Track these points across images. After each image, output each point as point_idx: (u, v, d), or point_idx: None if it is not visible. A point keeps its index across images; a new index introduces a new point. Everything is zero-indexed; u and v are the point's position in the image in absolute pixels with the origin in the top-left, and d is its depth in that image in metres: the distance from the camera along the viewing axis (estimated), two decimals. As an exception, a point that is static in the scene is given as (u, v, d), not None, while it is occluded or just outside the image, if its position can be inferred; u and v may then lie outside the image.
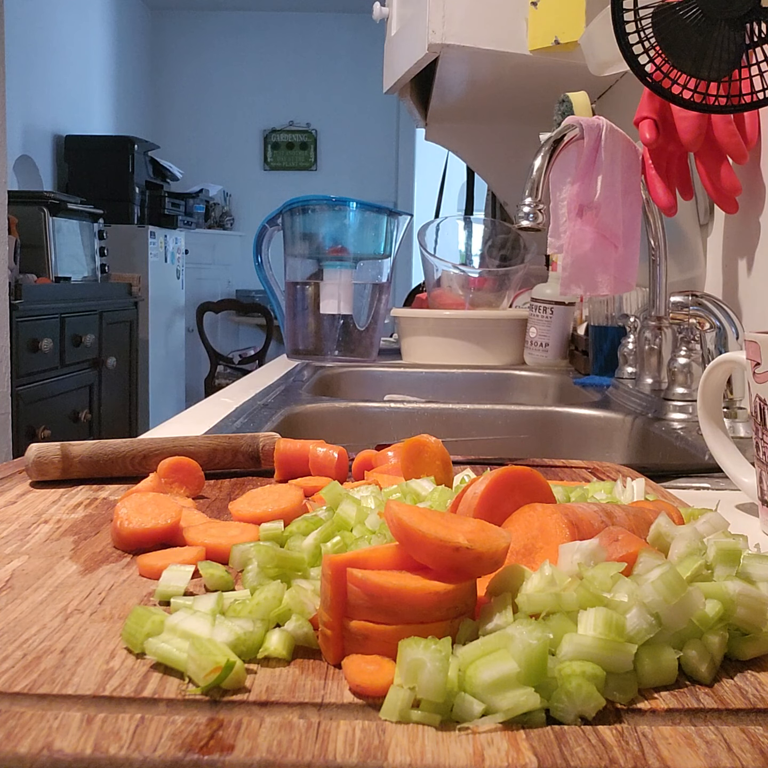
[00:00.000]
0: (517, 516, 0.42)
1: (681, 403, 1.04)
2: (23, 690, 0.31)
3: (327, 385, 1.57)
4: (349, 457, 0.67)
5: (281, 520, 0.48)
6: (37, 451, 0.62)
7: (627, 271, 1.11)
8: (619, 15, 0.86)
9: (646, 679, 0.33)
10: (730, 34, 0.82)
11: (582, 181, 1.05)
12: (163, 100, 5.97)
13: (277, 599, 0.36)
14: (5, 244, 2.65)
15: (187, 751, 0.28)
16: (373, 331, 1.71)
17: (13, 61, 3.26)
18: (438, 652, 0.30)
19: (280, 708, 0.31)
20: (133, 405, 4.21)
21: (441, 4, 1.47)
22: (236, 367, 4.92)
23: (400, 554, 0.36)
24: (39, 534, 0.51)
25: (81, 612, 0.39)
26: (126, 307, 4.07)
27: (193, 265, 5.31)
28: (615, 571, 0.35)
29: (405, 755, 0.28)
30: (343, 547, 0.42)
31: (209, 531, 0.48)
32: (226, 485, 0.65)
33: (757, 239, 1.07)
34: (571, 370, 1.63)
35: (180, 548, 0.46)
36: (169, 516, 0.49)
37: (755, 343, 0.58)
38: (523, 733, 0.29)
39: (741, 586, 0.36)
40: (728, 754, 0.28)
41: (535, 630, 0.31)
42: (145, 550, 0.47)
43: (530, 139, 1.45)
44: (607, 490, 0.55)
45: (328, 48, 5.92)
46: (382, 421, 1.22)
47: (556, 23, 1.42)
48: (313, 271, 1.69)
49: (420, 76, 1.79)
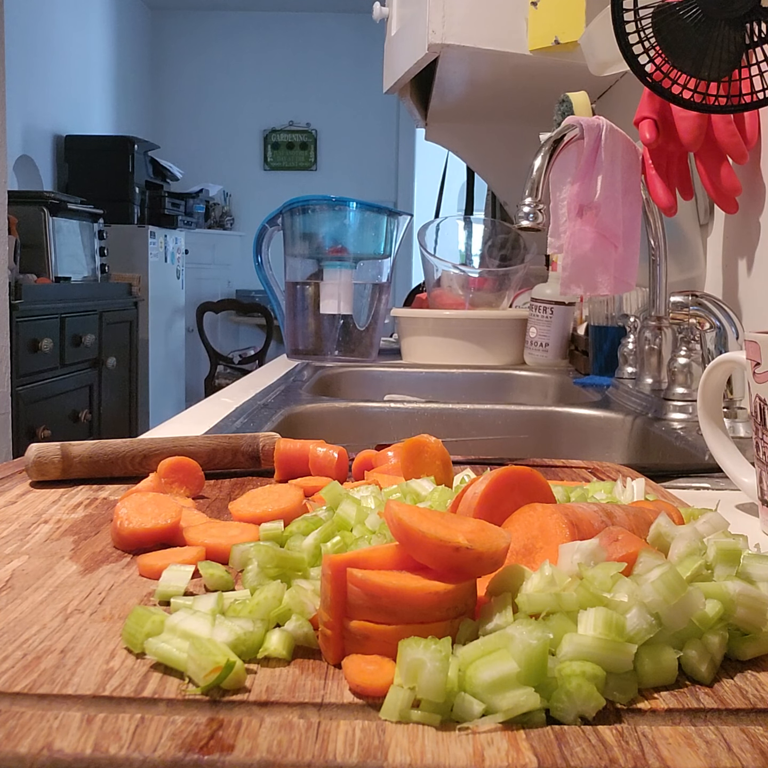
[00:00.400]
0: (517, 516, 0.42)
1: (681, 403, 1.04)
2: (23, 690, 0.31)
3: (327, 385, 1.57)
4: (349, 457, 0.67)
5: (281, 520, 0.48)
6: (37, 451, 0.62)
7: (627, 271, 1.11)
8: (619, 15, 0.86)
9: (646, 679, 0.33)
10: (730, 34, 0.82)
11: (582, 181, 1.05)
12: (163, 100, 5.97)
13: (277, 599, 0.36)
14: (5, 244, 2.65)
15: (187, 751, 0.28)
16: (373, 331, 1.71)
17: (13, 61, 3.26)
18: (438, 652, 0.30)
19: (280, 708, 0.31)
20: (133, 405, 4.21)
21: (441, 4, 1.47)
22: (236, 367, 4.92)
23: (400, 554, 0.36)
24: (39, 534, 0.51)
25: (81, 612, 0.39)
26: (126, 307, 4.07)
27: (193, 265, 5.31)
28: (615, 571, 0.35)
29: (405, 755, 0.28)
30: (343, 547, 0.42)
31: (209, 531, 0.48)
32: (226, 485, 0.65)
33: (757, 239, 1.07)
34: (571, 370, 1.63)
35: (180, 548, 0.46)
36: (169, 516, 0.49)
37: (755, 343, 0.58)
38: (523, 733, 0.29)
39: (741, 586, 0.36)
40: (728, 754, 0.28)
41: (535, 630, 0.31)
42: (146, 550, 0.47)
43: (530, 139, 1.45)
44: (607, 490, 0.55)
45: (328, 48, 5.92)
46: (382, 421, 1.22)
47: (556, 23, 1.42)
48: (313, 271, 1.69)
49: (420, 76, 1.79)
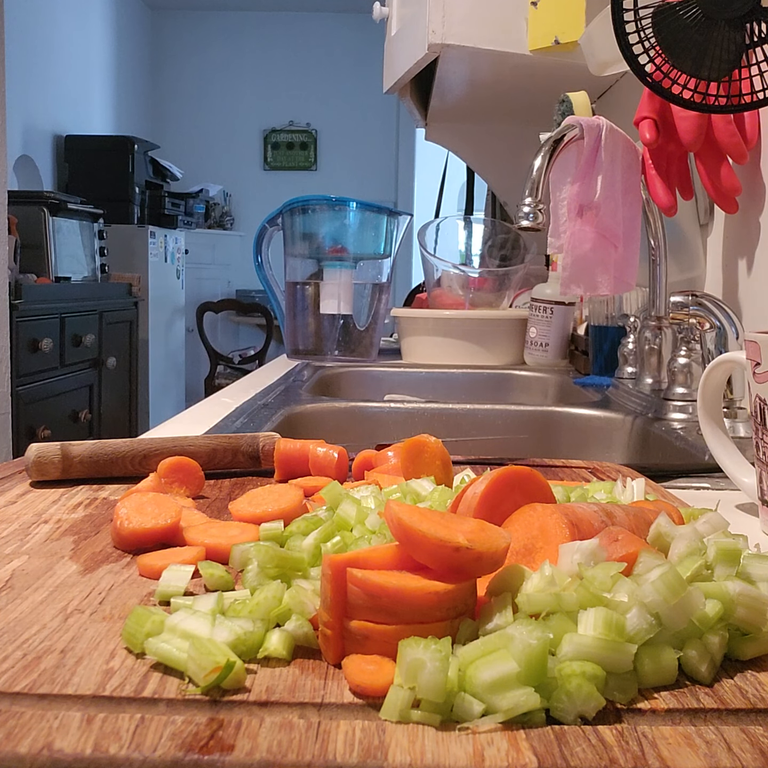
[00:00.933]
0: (517, 516, 0.42)
1: (681, 403, 1.04)
2: (23, 690, 0.31)
3: (327, 385, 1.57)
4: (349, 457, 0.67)
5: (281, 520, 0.48)
6: (37, 451, 0.62)
7: (627, 271, 1.11)
8: (619, 15, 0.86)
9: (646, 679, 0.33)
10: (730, 34, 0.82)
11: (582, 181, 1.05)
12: (163, 100, 5.97)
13: (277, 599, 0.36)
14: (5, 244, 2.65)
15: (187, 751, 0.28)
16: (373, 331, 1.71)
17: (13, 61, 3.26)
18: (438, 652, 0.30)
19: (280, 708, 0.31)
20: (133, 405, 4.21)
21: (441, 4, 1.47)
22: (236, 367, 4.92)
23: (400, 554, 0.36)
24: (39, 534, 0.51)
25: (81, 612, 0.39)
26: (126, 307, 4.07)
27: (193, 265, 5.31)
28: (615, 571, 0.35)
29: (405, 755, 0.28)
30: (343, 547, 0.42)
31: (209, 531, 0.48)
32: (226, 485, 0.65)
33: (757, 239, 1.07)
34: (571, 370, 1.63)
35: (180, 548, 0.46)
36: (169, 516, 0.49)
37: (755, 343, 0.58)
38: (523, 733, 0.29)
39: (741, 586, 0.36)
40: (728, 754, 0.28)
41: (535, 630, 0.31)
42: (146, 550, 0.47)
43: (530, 139, 1.45)
44: (607, 490, 0.55)
45: (328, 48, 5.92)
46: (382, 421, 1.22)
47: (556, 23, 1.42)
48: (313, 271, 1.69)
49: (420, 76, 1.79)
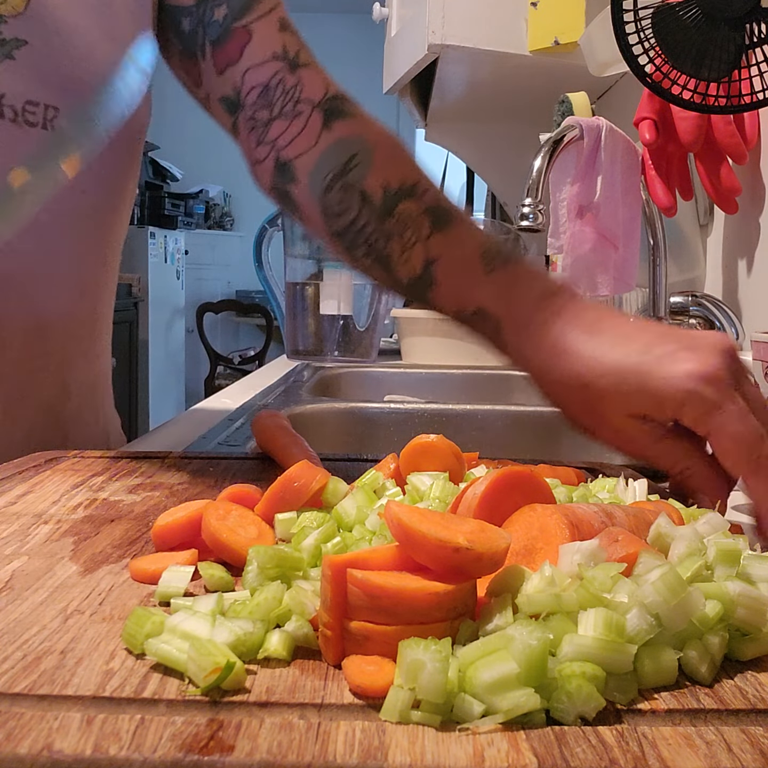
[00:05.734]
0: (517, 516, 0.42)
1: (681, 403, 1.04)
2: (23, 691, 0.31)
3: (327, 385, 1.57)
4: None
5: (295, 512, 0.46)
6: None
7: (627, 272, 1.11)
8: (619, 15, 0.86)
9: (646, 679, 0.33)
10: (730, 34, 0.82)
11: (582, 181, 1.05)
12: (163, 100, 5.94)
13: (277, 600, 0.36)
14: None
15: (187, 752, 0.28)
16: (373, 331, 1.71)
17: (13, 61, 3.25)
18: (438, 652, 0.30)
19: (280, 709, 0.31)
20: (133, 405, 4.21)
21: (441, 4, 1.47)
22: (236, 368, 4.92)
23: (400, 555, 0.36)
24: (39, 535, 0.51)
25: (81, 613, 0.39)
26: (126, 307, 4.07)
27: (193, 265, 5.31)
28: (615, 572, 0.35)
29: (405, 756, 0.28)
30: (343, 548, 0.42)
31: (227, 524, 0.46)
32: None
33: (757, 239, 1.07)
34: (571, 371, 1.62)
35: (172, 553, 0.46)
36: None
37: (766, 344, 0.58)
38: (524, 734, 0.29)
39: (741, 587, 0.35)
40: (728, 754, 0.28)
41: (535, 630, 0.31)
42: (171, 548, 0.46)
43: (530, 139, 1.45)
44: (610, 488, 0.55)
45: (328, 48, 5.89)
46: (382, 422, 1.22)
47: (556, 23, 1.42)
48: (313, 272, 1.69)
49: (420, 77, 1.79)
